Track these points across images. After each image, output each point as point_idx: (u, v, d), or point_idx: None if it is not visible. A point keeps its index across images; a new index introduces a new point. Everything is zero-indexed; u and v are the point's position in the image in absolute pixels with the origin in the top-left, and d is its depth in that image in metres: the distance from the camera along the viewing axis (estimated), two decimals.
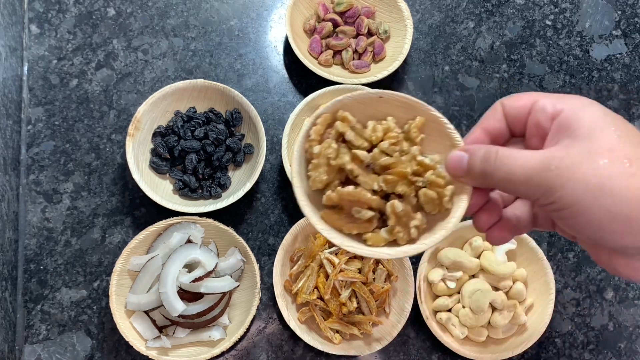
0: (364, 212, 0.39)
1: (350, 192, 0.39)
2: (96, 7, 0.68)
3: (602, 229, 0.32)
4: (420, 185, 0.40)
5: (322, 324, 0.58)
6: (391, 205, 0.39)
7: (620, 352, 0.63)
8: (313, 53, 0.68)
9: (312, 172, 0.40)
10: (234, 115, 0.62)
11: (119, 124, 0.65)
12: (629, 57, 0.73)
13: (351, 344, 0.58)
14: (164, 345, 0.56)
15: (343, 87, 0.62)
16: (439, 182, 0.39)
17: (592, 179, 0.31)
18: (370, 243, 0.39)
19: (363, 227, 0.40)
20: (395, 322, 0.58)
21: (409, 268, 0.59)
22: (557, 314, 0.63)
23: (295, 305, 0.59)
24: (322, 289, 0.57)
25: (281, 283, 0.59)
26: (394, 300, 0.60)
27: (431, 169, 0.40)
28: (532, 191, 0.33)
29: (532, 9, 0.74)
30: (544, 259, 0.60)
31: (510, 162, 0.34)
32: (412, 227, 0.39)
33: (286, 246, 0.59)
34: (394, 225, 0.39)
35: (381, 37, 0.68)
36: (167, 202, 0.58)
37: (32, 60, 0.66)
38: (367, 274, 0.58)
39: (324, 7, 0.68)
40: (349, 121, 0.41)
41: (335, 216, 0.40)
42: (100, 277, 0.61)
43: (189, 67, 0.68)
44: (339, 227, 0.40)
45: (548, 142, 0.35)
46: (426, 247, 0.38)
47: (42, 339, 0.59)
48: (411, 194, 0.40)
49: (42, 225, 0.61)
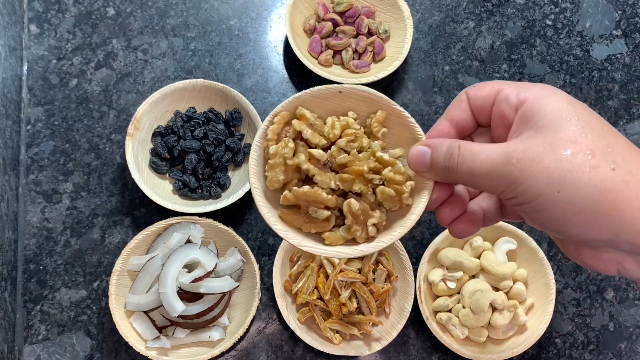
0: (320, 211, 0.39)
1: (307, 192, 0.38)
2: (96, 7, 0.68)
3: (566, 223, 0.31)
4: (377, 182, 0.39)
5: (322, 324, 0.58)
6: (347, 204, 0.38)
7: (621, 353, 0.63)
8: (313, 53, 0.68)
9: (269, 172, 0.39)
10: (233, 115, 0.62)
11: (118, 124, 0.65)
12: (629, 57, 0.72)
13: (351, 344, 0.58)
14: (163, 346, 0.55)
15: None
16: (397, 178, 0.38)
17: (555, 172, 0.30)
18: (328, 242, 0.39)
19: (321, 226, 0.39)
20: (395, 322, 0.58)
21: (409, 268, 0.59)
22: (557, 314, 0.63)
23: (295, 305, 0.59)
24: (322, 289, 0.57)
25: (281, 283, 0.59)
26: (394, 301, 0.60)
27: (390, 165, 0.39)
28: (495, 185, 0.33)
29: (532, 8, 0.74)
30: (544, 259, 0.60)
31: (473, 157, 0.33)
32: (370, 225, 0.39)
33: (286, 246, 0.59)
34: (352, 224, 0.39)
35: (381, 37, 0.68)
36: (167, 202, 0.58)
37: (32, 60, 0.66)
38: (367, 274, 0.58)
39: (324, 7, 0.68)
40: (306, 119, 0.40)
41: (293, 216, 0.39)
42: (100, 278, 0.61)
43: (188, 67, 0.68)
44: (298, 227, 0.39)
45: (512, 134, 0.34)
46: (384, 245, 0.38)
47: (41, 339, 0.58)
48: (368, 191, 0.39)
49: (41, 226, 0.61)
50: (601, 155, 0.30)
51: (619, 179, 0.30)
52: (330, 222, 0.40)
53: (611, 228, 0.30)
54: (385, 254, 0.60)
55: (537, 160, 0.31)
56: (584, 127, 0.31)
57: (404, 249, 0.59)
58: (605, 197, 0.30)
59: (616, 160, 0.30)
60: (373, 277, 0.59)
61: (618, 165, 0.30)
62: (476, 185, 0.34)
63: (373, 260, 0.58)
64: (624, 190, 0.30)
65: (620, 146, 0.31)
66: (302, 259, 0.59)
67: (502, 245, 0.61)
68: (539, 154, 0.31)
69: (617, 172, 0.30)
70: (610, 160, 0.30)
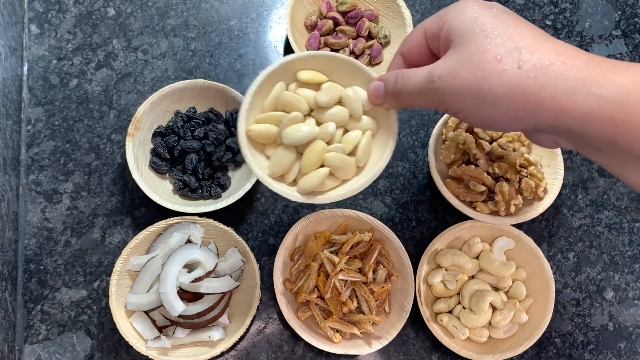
0: (478, 186, 0.59)
1: (472, 169, 0.59)
2: (96, 7, 0.68)
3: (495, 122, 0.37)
4: (524, 174, 0.59)
5: (323, 323, 0.58)
6: (500, 185, 0.58)
7: (620, 352, 0.63)
8: (310, 49, 0.68)
9: (445, 151, 0.61)
10: (234, 115, 0.62)
11: (119, 124, 0.65)
12: (629, 57, 0.73)
13: (351, 343, 0.58)
14: (164, 346, 0.56)
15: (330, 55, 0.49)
16: (538, 175, 0.60)
17: (472, 83, 0.35)
18: (478, 210, 0.59)
19: (475, 197, 0.59)
20: (395, 322, 0.58)
21: (409, 267, 0.59)
22: (557, 314, 0.63)
23: (295, 304, 0.60)
24: (323, 288, 0.57)
25: (281, 281, 0.59)
26: (393, 300, 0.60)
27: (533, 165, 0.60)
28: (429, 102, 0.38)
29: (532, 9, 0.74)
30: (542, 258, 0.60)
31: (408, 81, 0.39)
32: (512, 205, 0.58)
33: (287, 245, 0.59)
34: (500, 200, 0.58)
35: (380, 42, 0.68)
36: (167, 202, 0.58)
37: (32, 60, 0.66)
38: (368, 274, 0.58)
39: (328, 5, 0.68)
40: None
41: (455, 184, 0.60)
42: (100, 277, 0.61)
43: (189, 67, 0.68)
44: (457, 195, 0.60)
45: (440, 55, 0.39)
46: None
47: (42, 339, 0.59)
48: (516, 180, 0.59)
49: (42, 225, 0.61)
50: (507, 57, 0.34)
51: (525, 76, 0.34)
52: (483, 196, 0.60)
53: (530, 118, 0.35)
54: (385, 254, 0.60)
55: (455, 74, 0.36)
56: (489, 35, 0.35)
57: (404, 248, 0.59)
58: (517, 94, 0.34)
59: (522, 58, 0.34)
60: (373, 277, 0.59)
61: (524, 62, 0.34)
62: (417, 104, 0.40)
63: (373, 259, 0.58)
64: (532, 84, 0.34)
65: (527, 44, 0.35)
66: (303, 258, 0.60)
67: (500, 245, 0.61)
68: (455, 69, 0.36)
69: (524, 69, 0.34)
70: (516, 59, 0.34)
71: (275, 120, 0.48)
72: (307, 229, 0.60)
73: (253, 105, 0.48)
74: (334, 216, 0.60)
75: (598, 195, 0.67)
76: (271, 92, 0.49)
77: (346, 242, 0.58)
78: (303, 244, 0.61)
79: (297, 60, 0.48)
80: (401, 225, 0.64)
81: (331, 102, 0.48)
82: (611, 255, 0.65)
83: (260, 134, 0.48)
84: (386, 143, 0.48)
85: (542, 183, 0.60)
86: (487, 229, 0.61)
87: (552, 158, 0.63)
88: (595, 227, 0.66)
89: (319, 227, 0.60)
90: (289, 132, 0.47)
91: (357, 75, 0.49)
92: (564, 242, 0.65)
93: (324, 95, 0.48)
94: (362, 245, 0.59)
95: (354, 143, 0.48)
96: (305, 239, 0.61)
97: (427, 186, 0.63)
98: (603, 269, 0.65)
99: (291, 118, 0.47)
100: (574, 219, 0.66)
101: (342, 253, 0.58)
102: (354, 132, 0.49)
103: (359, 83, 0.49)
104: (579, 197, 0.67)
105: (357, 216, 0.59)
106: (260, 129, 0.48)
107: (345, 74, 0.49)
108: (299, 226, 0.59)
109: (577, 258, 0.65)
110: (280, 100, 0.49)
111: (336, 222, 0.60)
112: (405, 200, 0.64)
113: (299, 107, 0.48)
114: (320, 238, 0.59)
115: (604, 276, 0.65)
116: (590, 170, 0.68)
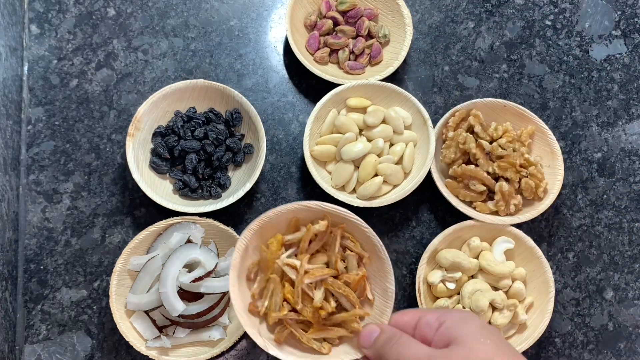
0: (478, 185, 0.60)
1: (472, 169, 0.60)
2: (96, 7, 0.68)
3: None
4: (524, 175, 0.60)
5: (304, 337, 0.50)
6: (500, 185, 0.59)
7: (620, 352, 0.63)
8: (310, 49, 0.68)
9: (445, 150, 0.62)
10: (234, 115, 0.63)
11: (119, 124, 0.65)
12: (628, 57, 0.73)
13: (344, 348, 0.50)
14: (164, 345, 0.56)
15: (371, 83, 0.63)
16: (538, 175, 0.60)
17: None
18: (478, 209, 0.60)
19: (475, 197, 0.60)
20: (383, 307, 0.51)
21: (379, 244, 0.51)
22: (556, 313, 0.63)
23: (267, 326, 0.50)
24: (292, 299, 0.49)
25: (245, 308, 0.49)
26: (374, 284, 0.52)
27: (533, 165, 0.60)
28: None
29: (531, 9, 0.74)
30: (542, 257, 0.60)
31: (405, 348, 0.40)
32: (512, 205, 0.59)
33: (236, 266, 0.49)
34: (499, 200, 0.59)
35: (380, 41, 0.68)
36: (167, 202, 0.58)
37: (32, 60, 0.66)
38: (336, 265, 0.51)
39: (327, 4, 0.68)
40: (479, 118, 0.62)
41: (455, 184, 0.61)
42: (100, 277, 0.61)
43: (189, 67, 0.68)
44: (456, 194, 0.61)
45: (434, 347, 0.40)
46: None
47: (42, 339, 0.59)
48: (515, 180, 0.59)
49: (42, 225, 0.62)
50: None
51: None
52: (482, 195, 0.60)
53: None
54: (349, 237, 0.52)
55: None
56: (497, 347, 0.37)
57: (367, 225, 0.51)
58: None
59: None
60: (345, 267, 0.51)
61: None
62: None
63: (338, 248, 0.51)
64: None
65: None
66: (261, 273, 0.51)
67: (500, 244, 0.61)
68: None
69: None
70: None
71: (332, 141, 0.62)
72: (255, 240, 0.51)
73: (312, 131, 0.61)
74: (280, 215, 0.51)
75: (598, 195, 0.67)
76: (326, 118, 0.63)
77: (301, 239, 0.51)
78: (255, 255, 0.52)
79: (344, 90, 0.62)
80: (401, 225, 0.65)
81: (377, 122, 0.61)
82: (611, 255, 0.66)
83: (322, 153, 0.61)
84: (427, 150, 0.61)
85: (542, 183, 0.60)
86: (487, 229, 0.61)
87: (552, 158, 0.63)
88: (595, 227, 0.66)
89: (267, 233, 0.51)
90: (346, 150, 0.60)
91: (395, 98, 0.63)
92: (563, 242, 0.66)
93: (371, 117, 0.61)
94: (321, 236, 0.51)
95: (399, 154, 0.61)
96: (256, 250, 0.52)
97: (427, 186, 0.63)
98: (603, 269, 0.65)
99: (346, 138, 0.60)
100: (574, 219, 0.66)
101: (302, 253, 0.51)
102: (399, 145, 0.62)
103: (398, 104, 0.63)
104: (578, 197, 0.67)
105: (304, 206, 0.51)
106: (321, 149, 0.61)
107: (385, 97, 0.63)
108: (244, 240, 0.50)
109: (577, 258, 0.65)
110: (335, 124, 0.62)
111: (284, 220, 0.52)
112: (405, 200, 0.65)
113: (351, 128, 0.61)
114: (273, 244, 0.50)
115: (604, 276, 0.65)
116: (590, 170, 0.68)
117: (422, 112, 0.62)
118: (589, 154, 0.69)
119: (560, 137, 0.69)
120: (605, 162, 0.68)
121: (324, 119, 0.63)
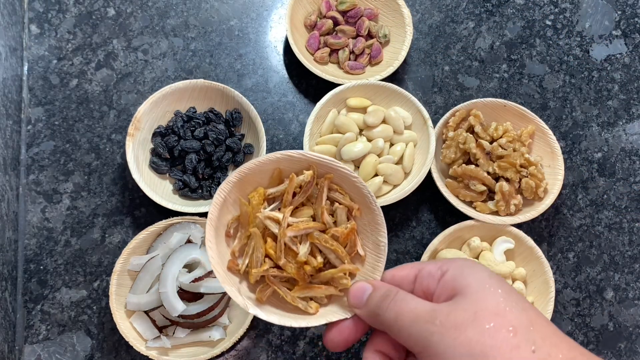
0: (478, 185, 0.60)
1: (472, 169, 0.60)
2: (96, 7, 0.68)
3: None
4: (524, 174, 0.60)
5: (289, 296, 0.44)
6: (500, 185, 0.59)
7: (620, 352, 0.63)
8: (310, 49, 0.68)
9: (445, 150, 0.62)
10: (234, 115, 0.62)
11: (119, 124, 0.65)
12: (629, 57, 0.73)
13: (333, 308, 0.44)
14: (164, 345, 0.56)
15: (371, 83, 0.63)
16: (538, 175, 0.60)
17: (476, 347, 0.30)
18: (478, 209, 0.60)
19: (475, 197, 0.60)
20: (375, 262, 0.45)
21: (369, 194, 0.46)
22: (557, 314, 0.63)
23: (249, 285, 0.45)
24: (274, 255, 0.44)
25: (223, 266, 0.44)
26: (365, 238, 0.47)
27: (534, 165, 0.60)
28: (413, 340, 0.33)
29: (532, 9, 0.74)
30: (542, 257, 0.60)
31: (403, 304, 0.35)
32: (512, 205, 0.59)
33: (213, 220, 0.44)
34: (499, 200, 0.59)
35: (380, 41, 0.68)
36: (167, 202, 0.58)
37: (32, 60, 0.66)
38: (323, 218, 0.45)
39: (327, 4, 0.68)
40: (479, 118, 0.62)
41: (455, 184, 0.61)
42: (100, 277, 0.61)
43: (189, 67, 0.68)
44: (456, 194, 0.61)
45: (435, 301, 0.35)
46: None
47: (42, 339, 0.59)
48: (516, 180, 0.60)
49: (42, 225, 0.61)
50: (522, 333, 0.31)
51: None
52: (483, 195, 0.61)
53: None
54: (337, 188, 0.46)
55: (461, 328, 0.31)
56: (507, 299, 0.32)
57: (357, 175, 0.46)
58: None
59: (536, 341, 0.31)
60: (334, 220, 0.46)
61: (538, 347, 0.30)
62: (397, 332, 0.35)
63: (324, 199, 0.46)
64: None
65: (541, 325, 0.32)
66: (241, 229, 0.46)
67: (500, 244, 0.61)
68: (462, 322, 0.31)
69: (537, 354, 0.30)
70: (531, 340, 0.31)
71: (333, 141, 0.61)
72: (234, 194, 0.46)
73: (312, 131, 0.61)
74: (261, 166, 0.45)
75: (598, 195, 0.67)
76: (326, 118, 0.63)
77: (285, 191, 0.46)
78: (236, 213, 0.46)
79: (344, 90, 0.62)
80: (401, 225, 0.64)
81: (377, 122, 0.61)
82: (611, 255, 0.65)
83: (322, 153, 0.56)
84: (427, 150, 0.61)
85: (542, 183, 0.60)
86: (487, 229, 0.61)
87: (552, 158, 0.63)
88: (595, 227, 0.66)
89: (248, 187, 0.46)
90: (346, 150, 0.60)
91: (395, 98, 0.63)
92: (564, 242, 0.65)
93: (371, 117, 0.61)
94: (306, 187, 0.46)
95: (399, 154, 0.61)
96: (235, 204, 0.46)
97: (427, 186, 0.63)
98: (603, 269, 0.65)
99: (346, 138, 0.60)
100: (574, 219, 0.66)
101: (285, 206, 0.45)
102: (399, 145, 0.62)
103: (398, 104, 0.63)
104: (579, 197, 0.67)
105: (288, 156, 0.45)
106: (321, 149, 0.61)
107: (385, 97, 0.63)
108: (222, 193, 0.44)
109: (577, 258, 0.65)
110: (335, 124, 0.62)
111: (267, 172, 0.46)
112: (405, 200, 0.64)
113: (351, 128, 0.61)
114: (254, 198, 0.45)
115: (604, 276, 0.65)
116: (590, 170, 0.68)
117: (422, 112, 0.62)
118: (589, 154, 0.69)
119: (560, 137, 0.69)
120: (606, 162, 0.68)
121: (324, 118, 0.63)
